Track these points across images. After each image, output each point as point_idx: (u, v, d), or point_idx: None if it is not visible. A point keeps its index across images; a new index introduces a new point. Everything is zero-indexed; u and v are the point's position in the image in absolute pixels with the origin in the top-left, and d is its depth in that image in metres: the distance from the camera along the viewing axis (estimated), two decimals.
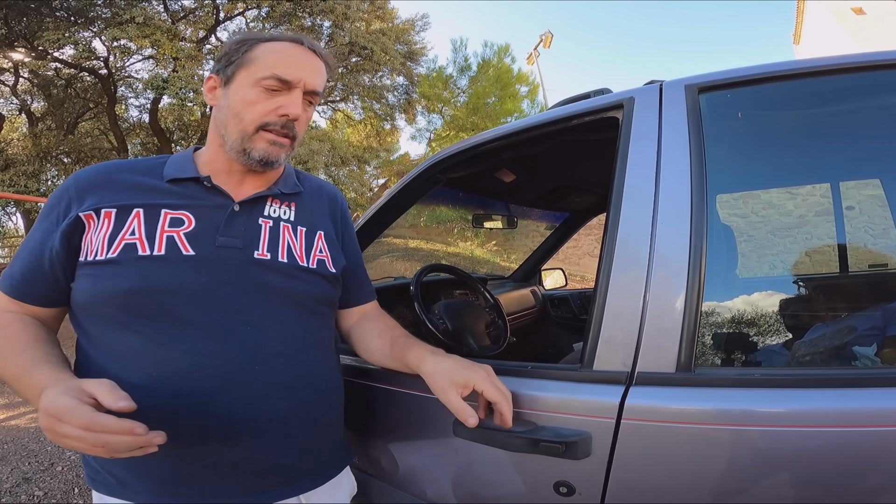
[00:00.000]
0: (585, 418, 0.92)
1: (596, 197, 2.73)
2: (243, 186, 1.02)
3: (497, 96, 16.06)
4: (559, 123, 1.20)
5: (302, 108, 0.99)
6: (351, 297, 1.19)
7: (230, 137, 0.97)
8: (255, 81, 0.94)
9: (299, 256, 1.00)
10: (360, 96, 13.73)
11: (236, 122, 0.95)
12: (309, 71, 0.99)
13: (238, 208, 0.97)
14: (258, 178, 1.04)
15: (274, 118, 0.96)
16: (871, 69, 0.94)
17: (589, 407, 0.92)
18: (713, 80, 1.01)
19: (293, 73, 0.96)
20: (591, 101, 1.16)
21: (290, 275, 0.97)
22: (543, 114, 1.25)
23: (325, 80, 1.04)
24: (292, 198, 1.08)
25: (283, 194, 1.06)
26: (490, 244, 12.48)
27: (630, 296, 0.92)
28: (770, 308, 1.20)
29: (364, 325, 1.20)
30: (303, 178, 1.16)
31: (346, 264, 1.12)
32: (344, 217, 1.19)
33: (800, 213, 1.82)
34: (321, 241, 1.06)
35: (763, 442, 0.78)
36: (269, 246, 0.97)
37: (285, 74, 0.95)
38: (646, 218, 0.94)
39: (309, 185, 1.15)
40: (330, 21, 11.46)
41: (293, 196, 1.08)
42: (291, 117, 0.97)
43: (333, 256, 1.07)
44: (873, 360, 1.00)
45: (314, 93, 1.01)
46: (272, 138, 0.97)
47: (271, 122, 0.96)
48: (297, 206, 1.07)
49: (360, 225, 1.57)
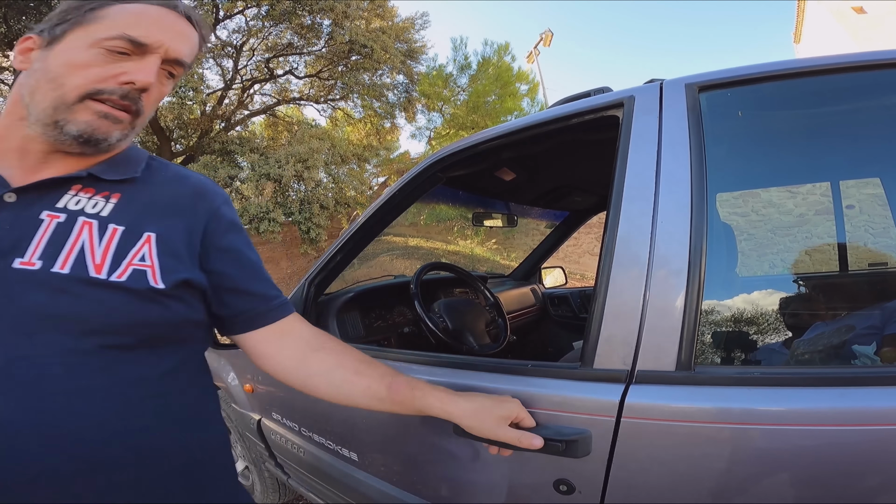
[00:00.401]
0: (585, 417, 0.92)
1: (596, 196, 2.74)
2: (41, 170, 0.75)
3: (497, 95, 16.03)
4: (559, 122, 1.20)
5: (157, 80, 0.78)
6: (250, 316, 0.90)
7: (38, 107, 0.72)
8: (95, 42, 0.72)
9: (95, 265, 0.70)
10: (360, 94, 13.70)
11: (52, 88, 0.71)
12: (174, 35, 0.78)
13: (13, 197, 0.69)
14: (71, 161, 0.77)
15: (112, 85, 0.72)
16: (871, 68, 0.94)
17: (589, 405, 0.92)
18: (713, 79, 1.01)
19: (153, 34, 0.75)
20: (592, 100, 1.16)
21: (67, 291, 0.67)
22: (543, 112, 1.25)
23: (194, 51, 0.83)
24: (118, 186, 0.79)
25: (98, 180, 0.77)
26: (490, 242, 12.47)
27: (630, 294, 0.92)
28: (770, 307, 1.20)
29: (312, 357, 0.94)
30: (156, 166, 0.87)
31: (205, 278, 0.83)
32: (217, 219, 0.87)
33: (800, 211, 1.81)
34: (148, 245, 0.75)
35: (763, 441, 0.78)
36: (46, 250, 0.67)
37: (141, 35, 0.73)
38: (646, 217, 0.94)
39: (162, 174, 0.86)
40: (330, 19, 11.43)
41: (120, 184, 0.79)
42: (139, 86, 0.74)
43: (165, 267, 0.75)
44: (873, 358, 1.00)
45: (178, 63, 0.79)
46: (103, 110, 0.73)
47: (106, 89, 0.72)
48: (122, 198, 0.78)
49: (360, 223, 1.57)
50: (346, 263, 1.67)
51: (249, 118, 14.13)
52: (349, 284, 2.29)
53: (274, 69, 13.00)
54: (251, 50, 12.39)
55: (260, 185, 10.16)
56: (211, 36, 0.93)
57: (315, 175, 10.61)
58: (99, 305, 0.68)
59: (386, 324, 2.24)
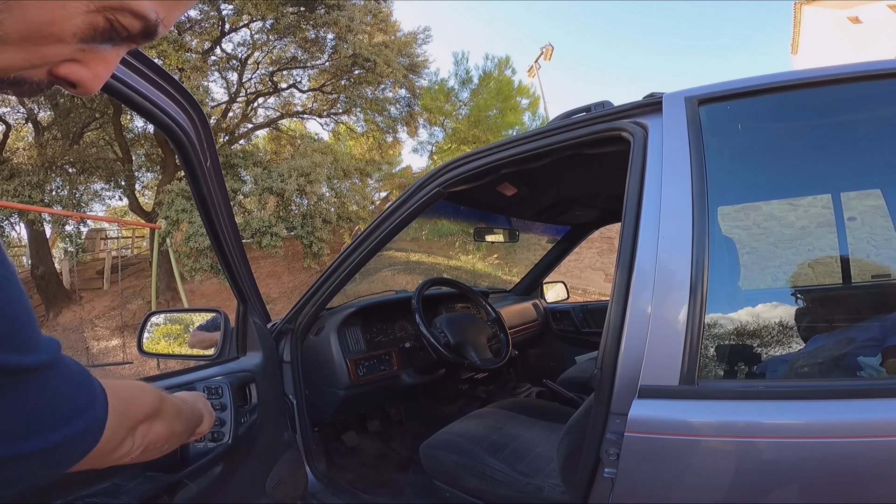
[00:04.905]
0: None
1: (598, 210, 2.74)
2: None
3: (498, 109, 16.11)
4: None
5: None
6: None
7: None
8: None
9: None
10: (363, 108, 13.79)
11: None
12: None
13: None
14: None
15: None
16: (870, 79, 0.95)
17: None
18: (713, 91, 1.02)
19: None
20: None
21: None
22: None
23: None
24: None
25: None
26: (492, 258, 12.46)
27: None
28: (773, 319, 1.20)
29: None
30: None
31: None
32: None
33: (801, 224, 1.80)
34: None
35: (767, 453, 0.77)
36: None
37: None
38: (651, 232, 0.94)
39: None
40: (333, 33, 11.54)
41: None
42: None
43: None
44: (878, 370, 0.99)
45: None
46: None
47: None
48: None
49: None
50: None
51: (253, 131, 14.20)
52: (351, 299, 2.29)
53: (278, 82, 13.09)
54: (255, 63, 12.49)
55: (263, 199, 10.17)
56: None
57: (317, 189, 10.63)
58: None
59: (387, 338, 2.23)
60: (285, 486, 1.56)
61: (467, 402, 2.70)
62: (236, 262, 1.39)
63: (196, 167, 1.13)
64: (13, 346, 0.45)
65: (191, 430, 0.92)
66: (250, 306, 1.53)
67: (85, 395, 0.55)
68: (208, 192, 1.19)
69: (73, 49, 0.42)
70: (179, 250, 9.58)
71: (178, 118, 1.03)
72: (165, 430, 0.77)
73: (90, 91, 0.46)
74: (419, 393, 2.49)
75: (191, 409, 0.92)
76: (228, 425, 1.21)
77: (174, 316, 1.74)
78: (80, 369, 0.55)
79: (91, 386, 0.56)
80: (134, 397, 0.70)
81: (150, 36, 0.45)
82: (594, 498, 0.97)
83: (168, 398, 0.82)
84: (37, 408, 0.48)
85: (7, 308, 0.45)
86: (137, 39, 0.45)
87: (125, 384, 0.71)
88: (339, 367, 1.91)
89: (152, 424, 0.73)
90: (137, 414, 0.69)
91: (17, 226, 14.46)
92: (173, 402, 0.84)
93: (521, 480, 1.46)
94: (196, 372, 1.33)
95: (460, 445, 1.63)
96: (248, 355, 1.53)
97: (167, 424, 0.78)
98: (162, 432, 0.76)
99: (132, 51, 0.57)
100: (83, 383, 0.55)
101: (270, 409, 1.53)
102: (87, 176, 12.11)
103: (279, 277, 13.28)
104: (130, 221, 13.09)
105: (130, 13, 0.42)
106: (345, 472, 2.12)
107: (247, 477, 1.40)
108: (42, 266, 12.27)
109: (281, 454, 1.59)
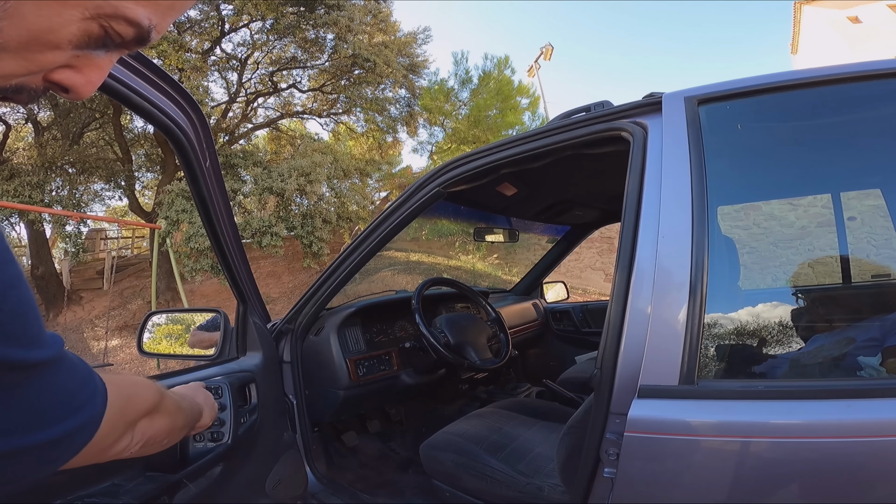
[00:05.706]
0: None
1: (597, 210, 2.74)
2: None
3: (498, 109, 16.10)
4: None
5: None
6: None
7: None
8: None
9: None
10: (363, 108, 13.79)
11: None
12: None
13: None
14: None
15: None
16: (870, 79, 0.95)
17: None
18: (712, 91, 1.02)
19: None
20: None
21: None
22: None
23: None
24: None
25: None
26: (492, 258, 12.46)
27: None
28: (773, 319, 1.20)
29: None
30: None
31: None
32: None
33: (801, 224, 1.81)
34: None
35: (767, 453, 0.77)
36: None
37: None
38: (651, 232, 0.94)
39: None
40: (333, 34, 11.53)
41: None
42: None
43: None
44: (878, 370, 0.99)
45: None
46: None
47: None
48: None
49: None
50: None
51: (253, 131, 14.20)
52: (351, 299, 2.29)
53: (277, 83, 13.09)
54: (255, 63, 12.48)
55: (263, 199, 10.17)
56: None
57: (317, 189, 10.63)
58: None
59: (387, 338, 2.23)
60: (285, 486, 1.56)
61: (467, 403, 2.70)
62: (236, 262, 1.39)
63: (195, 167, 1.13)
64: (23, 342, 0.47)
65: (191, 424, 0.94)
66: (250, 306, 1.53)
67: (87, 389, 0.56)
68: (208, 193, 1.19)
69: (68, 55, 0.42)
70: (179, 250, 9.58)
71: (178, 118, 1.03)
72: (165, 425, 0.79)
73: (82, 96, 0.47)
74: (419, 393, 2.49)
75: (190, 404, 0.94)
76: (228, 425, 1.21)
77: (174, 316, 1.73)
78: (82, 364, 0.56)
79: (92, 381, 0.57)
80: (135, 392, 0.71)
81: (142, 42, 0.45)
82: (594, 498, 0.97)
83: (168, 393, 0.84)
84: (42, 402, 0.49)
85: (18, 306, 0.47)
86: (130, 45, 0.45)
87: (126, 379, 0.72)
88: (338, 367, 1.91)
89: (152, 419, 0.75)
90: (138, 409, 0.71)
91: (17, 226, 14.47)
92: (173, 397, 0.86)
93: (520, 480, 1.46)
94: (196, 372, 1.33)
95: (460, 445, 1.63)
96: (247, 355, 1.53)
97: (167, 419, 0.80)
98: (162, 427, 0.78)
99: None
100: (86, 378, 0.56)
101: (270, 409, 1.53)
102: (87, 176, 12.10)
103: (279, 277, 13.28)
104: (130, 221, 13.07)
105: (124, 20, 0.42)
106: (345, 472, 2.12)
107: (247, 477, 1.40)
108: (42, 266, 12.28)
109: (281, 454, 1.59)
